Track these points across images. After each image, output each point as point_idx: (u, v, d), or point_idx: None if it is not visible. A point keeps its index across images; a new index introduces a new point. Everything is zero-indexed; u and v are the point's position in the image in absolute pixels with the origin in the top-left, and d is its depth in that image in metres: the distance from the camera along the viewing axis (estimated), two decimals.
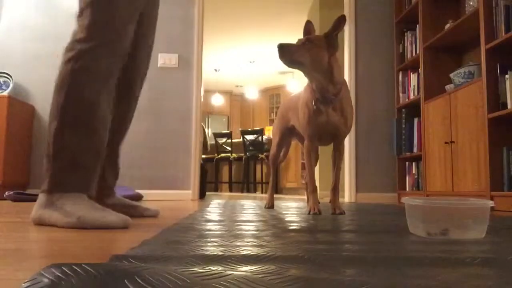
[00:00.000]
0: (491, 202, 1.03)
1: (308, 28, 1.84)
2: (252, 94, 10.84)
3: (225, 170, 7.64)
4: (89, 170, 1.29)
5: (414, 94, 3.73)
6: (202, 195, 3.97)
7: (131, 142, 1.63)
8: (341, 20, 1.75)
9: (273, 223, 1.30)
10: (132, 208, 1.59)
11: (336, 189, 1.93)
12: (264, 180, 7.35)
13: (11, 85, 3.77)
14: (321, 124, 1.83)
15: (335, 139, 1.91)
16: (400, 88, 3.91)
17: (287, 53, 1.71)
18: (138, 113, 1.96)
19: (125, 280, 0.43)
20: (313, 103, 1.81)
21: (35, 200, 1.27)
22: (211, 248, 0.74)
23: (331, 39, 1.76)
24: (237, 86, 11.46)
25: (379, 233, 1.06)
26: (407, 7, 3.84)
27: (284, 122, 2.23)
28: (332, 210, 1.87)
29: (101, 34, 1.35)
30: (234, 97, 11.99)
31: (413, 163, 3.73)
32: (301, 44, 1.75)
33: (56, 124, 1.27)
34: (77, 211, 1.16)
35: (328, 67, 1.75)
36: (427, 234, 1.03)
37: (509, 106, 2.50)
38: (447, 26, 3.26)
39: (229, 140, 7.35)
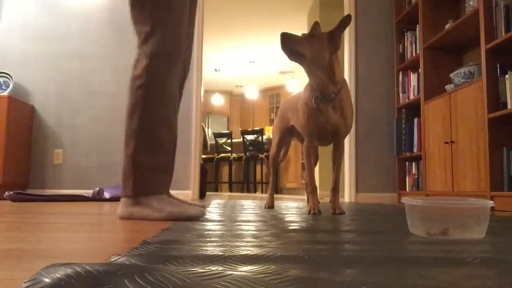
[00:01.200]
0: (491, 202, 1.03)
1: (315, 27, 1.84)
2: (252, 94, 10.84)
3: (225, 170, 7.64)
4: (164, 175, 1.52)
5: (414, 94, 3.73)
6: (202, 195, 3.97)
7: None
8: (347, 19, 1.75)
9: (273, 223, 1.30)
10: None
11: (336, 189, 1.93)
12: (264, 180, 7.35)
13: (11, 85, 3.77)
14: (321, 123, 1.83)
15: (335, 139, 1.91)
16: (400, 88, 3.91)
17: (289, 42, 1.71)
18: None
19: (125, 280, 0.43)
20: (313, 101, 1.81)
21: (35, 200, 1.30)
22: (211, 248, 0.74)
23: (335, 37, 1.76)
24: (237, 86, 11.46)
25: (379, 233, 1.06)
26: (407, 7, 3.84)
27: (284, 122, 2.23)
28: (332, 210, 1.87)
29: (168, 57, 1.50)
30: (234, 97, 11.99)
31: (413, 163, 3.73)
32: (304, 37, 1.75)
33: (133, 144, 1.47)
34: (165, 207, 1.39)
35: (329, 65, 1.75)
36: (427, 234, 1.03)
37: (509, 106, 2.50)
38: (447, 26, 3.26)
39: (229, 140, 7.35)
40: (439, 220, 1.02)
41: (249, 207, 2.30)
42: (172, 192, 1.65)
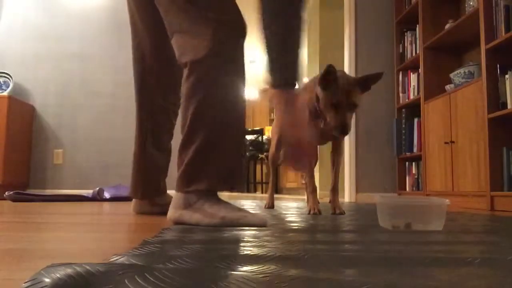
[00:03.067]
0: (447, 200, 1.17)
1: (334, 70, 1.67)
2: (252, 94, 10.83)
3: None
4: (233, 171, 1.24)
5: (414, 94, 3.73)
6: None
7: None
8: (379, 76, 1.69)
9: (273, 223, 1.30)
10: None
11: (335, 189, 1.93)
12: (264, 180, 7.35)
13: (11, 85, 3.77)
14: (320, 126, 1.82)
15: (334, 139, 1.91)
16: (400, 88, 3.92)
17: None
18: None
19: (125, 280, 0.43)
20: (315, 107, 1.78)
21: (35, 200, 1.28)
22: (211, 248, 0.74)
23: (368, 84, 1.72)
24: None
25: (379, 233, 1.06)
26: (407, 7, 3.84)
27: None
28: (332, 210, 1.86)
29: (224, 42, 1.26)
30: None
31: (413, 163, 3.73)
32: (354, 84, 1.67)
33: (204, 124, 1.22)
34: (218, 212, 1.17)
35: None
36: (392, 227, 1.17)
37: (509, 106, 2.50)
38: (447, 26, 3.26)
39: None
40: (403, 215, 1.17)
41: (249, 207, 2.30)
42: (172, 192, 1.59)
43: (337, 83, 1.61)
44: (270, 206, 2.27)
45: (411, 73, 3.79)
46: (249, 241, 0.85)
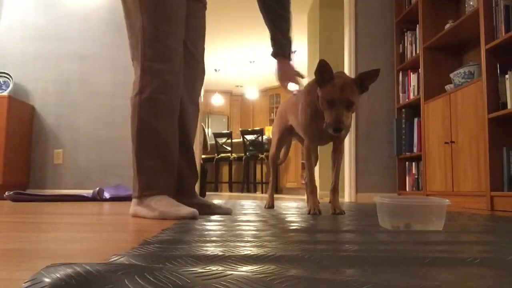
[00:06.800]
0: (447, 200, 1.17)
1: (329, 67, 1.73)
2: (252, 94, 10.84)
3: (225, 170, 7.64)
4: (166, 179, 1.58)
5: (414, 94, 3.73)
6: (202, 195, 3.97)
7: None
8: (377, 73, 1.69)
9: (273, 223, 1.30)
10: (206, 207, 1.75)
11: (335, 190, 1.93)
12: (264, 180, 7.35)
13: (11, 85, 3.77)
14: (321, 126, 1.81)
15: (335, 139, 1.91)
16: (400, 88, 3.92)
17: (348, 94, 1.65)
18: None
19: (125, 280, 0.43)
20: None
21: (35, 200, 1.32)
22: (211, 248, 0.74)
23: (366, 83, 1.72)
24: (237, 86, 11.46)
25: (379, 233, 1.06)
26: (407, 7, 3.84)
27: (283, 122, 2.23)
28: (332, 210, 1.86)
29: (157, 72, 1.56)
30: (234, 97, 11.99)
31: (413, 163, 3.73)
32: (351, 82, 1.68)
33: (134, 147, 1.57)
34: (159, 207, 1.48)
35: None
36: (392, 227, 1.18)
37: (509, 106, 2.50)
38: (447, 26, 3.26)
39: (229, 140, 7.35)
40: (403, 215, 1.18)
41: (249, 207, 2.30)
42: None
43: (333, 81, 1.65)
44: (271, 206, 2.27)
45: (411, 73, 3.79)
46: (249, 241, 0.85)
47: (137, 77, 1.58)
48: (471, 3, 3.04)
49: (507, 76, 2.54)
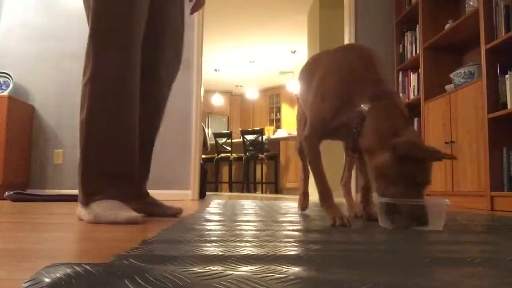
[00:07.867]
0: (447, 200, 1.17)
1: None
2: (252, 94, 10.84)
3: (225, 170, 7.64)
4: (115, 180, 1.43)
5: (414, 94, 3.73)
6: (202, 195, 3.97)
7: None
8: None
9: (273, 223, 1.30)
10: (155, 206, 1.66)
11: (369, 188, 1.52)
12: (264, 180, 7.35)
13: (11, 85, 3.77)
14: (349, 112, 1.33)
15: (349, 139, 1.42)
16: (400, 88, 3.91)
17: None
18: None
19: (125, 280, 0.43)
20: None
21: (35, 200, 1.31)
22: (211, 248, 0.74)
23: None
24: (237, 86, 11.45)
25: (379, 233, 1.06)
26: (407, 7, 3.85)
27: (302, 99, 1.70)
28: (367, 216, 1.51)
29: (108, 58, 1.53)
30: (234, 97, 11.99)
31: None
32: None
33: (82, 141, 1.42)
34: (96, 210, 1.35)
35: None
36: (392, 227, 1.19)
37: (509, 106, 2.50)
38: (447, 26, 3.26)
39: (229, 140, 7.36)
40: (403, 215, 1.15)
41: (249, 207, 2.30)
42: (172, 192, 1.61)
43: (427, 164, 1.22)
44: (304, 207, 1.89)
45: (411, 73, 3.80)
46: (249, 241, 0.85)
47: (88, 62, 1.50)
48: (471, 3, 3.04)
49: (507, 76, 2.54)
